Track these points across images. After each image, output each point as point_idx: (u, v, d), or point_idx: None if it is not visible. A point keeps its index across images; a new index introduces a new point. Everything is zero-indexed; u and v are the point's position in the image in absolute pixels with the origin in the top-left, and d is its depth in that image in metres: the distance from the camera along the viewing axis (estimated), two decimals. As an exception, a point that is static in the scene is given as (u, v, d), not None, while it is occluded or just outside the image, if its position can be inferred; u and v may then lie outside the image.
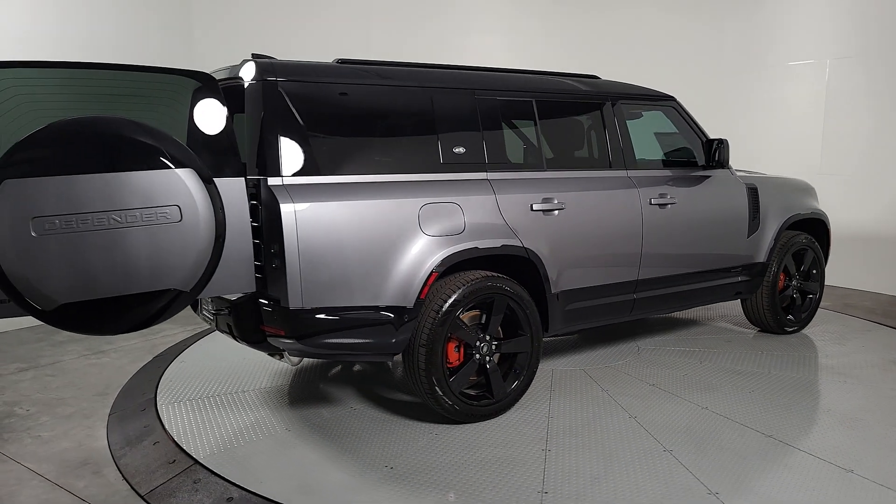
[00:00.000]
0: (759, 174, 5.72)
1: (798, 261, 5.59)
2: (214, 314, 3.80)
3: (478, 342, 3.84)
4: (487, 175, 3.98)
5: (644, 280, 4.63)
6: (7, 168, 2.64)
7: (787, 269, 5.51)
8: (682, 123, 5.06)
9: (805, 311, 5.73)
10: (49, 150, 2.69)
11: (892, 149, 7.23)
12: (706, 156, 5.01)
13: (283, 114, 3.43)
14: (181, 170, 2.91)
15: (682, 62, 8.50)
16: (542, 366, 4.77)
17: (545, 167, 4.27)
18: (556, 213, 4.14)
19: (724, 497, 3.06)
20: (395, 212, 3.59)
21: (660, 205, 4.63)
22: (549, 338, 4.73)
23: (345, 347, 3.59)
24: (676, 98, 5.10)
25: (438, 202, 3.73)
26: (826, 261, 5.86)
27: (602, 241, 4.39)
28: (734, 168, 5.32)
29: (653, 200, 4.60)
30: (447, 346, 3.75)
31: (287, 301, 3.33)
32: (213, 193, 3.02)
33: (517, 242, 3.94)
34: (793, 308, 5.65)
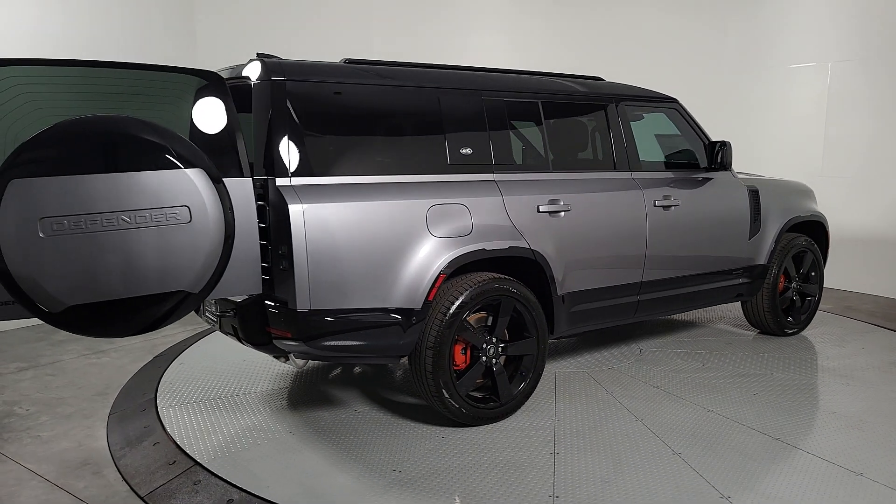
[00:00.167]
0: (759, 176, 5.73)
1: (797, 263, 5.61)
2: (219, 316, 3.75)
3: (484, 344, 3.82)
4: (494, 176, 3.96)
5: (648, 282, 4.62)
6: (14, 168, 2.58)
7: (787, 271, 5.53)
8: (684, 125, 5.06)
9: (804, 313, 5.75)
10: (57, 150, 2.64)
11: (894, 152, 7.24)
12: (709, 158, 5.01)
13: (291, 114, 3.39)
14: (191, 170, 2.86)
15: (684, 64, 8.50)
16: (545, 368, 4.74)
17: (551, 168, 4.25)
18: (563, 215, 4.12)
19: (737, 500, 3.05)
20: (404, 213, 3.56)
21: (663, 206, 4.62)
22: (553, 340, 4.70)
23: (352, 350, 3.55)
24: (678, 100, 5.10)
25: (446, 203, 3.70)
26: (825, 263, 5.88)
27: (607, 243, 4.38)
28: (734, 170, 5.33)
29: (657, 202, 4.59)
30: (454, 349, 3.72)
31: (295, 303, 3.29)
32: (223, 193, 2.98)
33: (524, 244, 3.92)
34: (792, 310, 5.66)
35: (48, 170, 2.61)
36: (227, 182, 3.06)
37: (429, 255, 3.59)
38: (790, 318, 5.64)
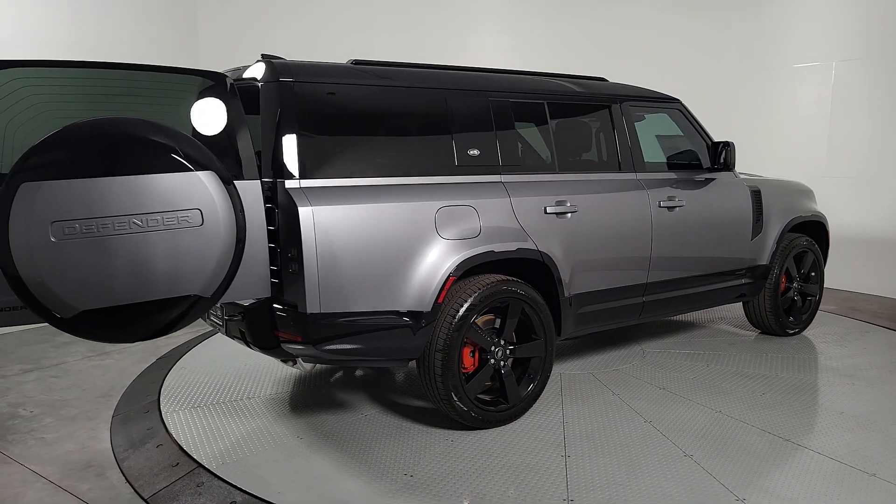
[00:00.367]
0: (758, 176, 5.74)
1: (798, 263, 5.62)
2: (226, 320, 3.71)
3: (493, 347, 3.79)
4: (501, 178, 3.94)
5: (653, 283, 4.61)
6: (24, 171, 2.53)
7: (789, 272, 5.54)
8: (687, 126, 5.06)
9: (805, 313, 5.76)
10: (68, 153, 2.59)
11: (898, 151, 7.22)
12: (712, 158, 5.01)
13: (299, 115, 3.35)
14: (202, 172, 2.82)
15: (687, 64, 8.49)
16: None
17: (557, 169, 4.24)
18: (569, 216, 4.11)
19: (752, 503, 3.04)
20: (413, 215, 3.53)
21: (668, 207, 4.62)
22: (559, 341, 4.69)
23: (361, 353, 3.52)
24: (681, 100, 5.10)
25: (454, 205, 3.67)
26: (825, 263, 5.90)
27: (613, 244, 4.37)
28: (736, 171, 5.33)
29: (661, 203, 4.58)
30: (463, 351, 3.70)
31: (304, 306, 3.25)
32: (234, 196, 2.94)
33: (532, 245, 3.90)
34: (793, 310, 5.68)
35: (59, 173, 2.56)
36: (236, 184, 3.03)
37: (438, 258, 3.57)
38: (791, 319, 5.65)
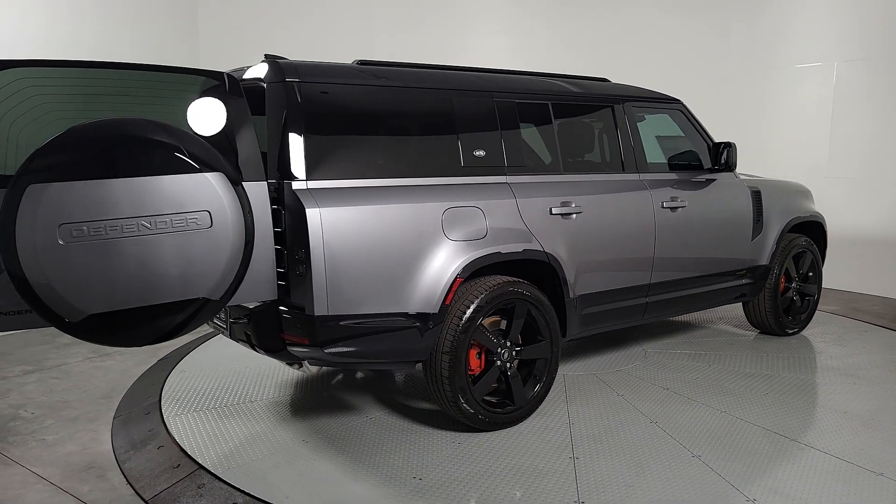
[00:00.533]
0: (757, 177, 5.76)
1: (797, 263, 5.64)
2: (231, 323, 3.67)
3: (499, 348, 3.77)
4: (507, 178, 3.92)
5: (656, 283, 4.61)
6: (31, 173, 2.49)
7: (788, 272, 5.56)
8: (688, 126, 5.06)
9: (804, 313, 5.79)
10: (76, 154, 2.55)
11: (901, 152, 7.21)
12: (714, 159, 5.02)
13: (306, 116, 3.32)
14: (210, 173, 2.79)
15: (688, 64, 8.49)
16: (554, 371, 4.73)
17: (562, 170, 4.22)
18: (574, 217, 4.10)
19: (762, 503, 3.04)
20: (420, 216, 3.50)
21: (671, 208, 4.62)
22: (563, 342, 4.68)
23: (368, 356, 3.49)
24: (682, 101, 5.10)
25: (461, 206, 3.65)
26: (823, 262, 5.92)
27: (617, 245, 4.36)
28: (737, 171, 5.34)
29: (664, 203, 4.59)
30: (469, 353, 3.68)
31: (312, 308, 3.22)
32: (242, 197, 2.91)
33: (538, 247, 3.89)
34: (792, 310, 5.70)
35: (67, 174, 2.52)
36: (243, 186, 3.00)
37: (445, 259, 3.55)
38: (790, 318, 5.67)
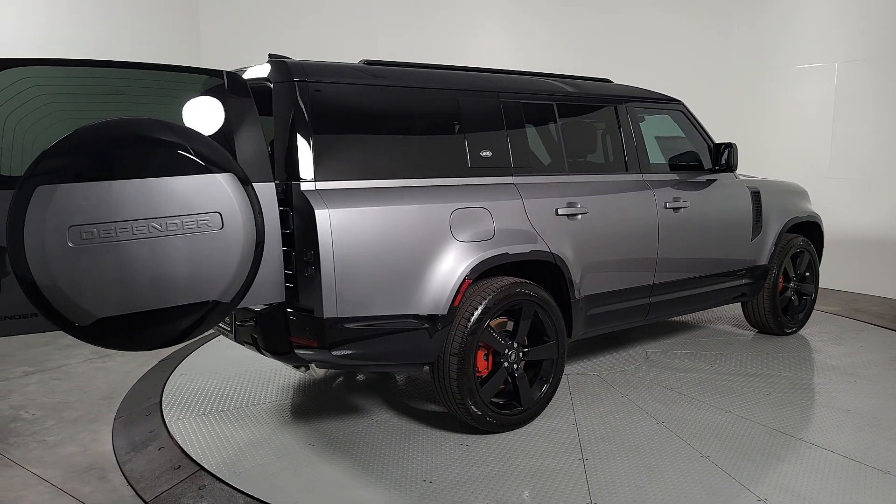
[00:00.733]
0: (754, 177, 5.78)
1: (795, 263, 5.67)
2: (236, 325, 3.62)
3: (507, 350, 3.76)
4: (513, 179, 3.91)
5: (659, 284, 4.62)
6: (40, 174, 2.44)
7: (786, 271, 5.59)
8: (689, 127, 5.07)
9: (802, 312, 5.82)
10: (85, 155, 2.50)
11: (903, 152, 7.23)
12: (715, 159, 5.03)
13: (314, 116, 3.29)
14: (221, 174, 2.75)
15: (689, 65, 8.49)
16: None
17: (567, 171, 4.22)
18: (580, 218, 4.09)
19: (774, 502, 3.04)
20: (428, 217, 3.48)
21: (674, 208, 4.63)
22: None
23: (377, 358, 3.47)
24: (683, 101, 5.12)
25: (468, 207, 3.63)
26: (819, 262, 5.96)
27: (622, 245, 4.36)
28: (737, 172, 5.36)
29: (667, 204, 4.59)
30: (477, 355, 3.66)
31: (321, 311, 3.19)
32: (253, 198, 2.87)
33: (544, 247, 3.88)
34: (790, 309, 5.72)
35: (76, 175, 2.47)
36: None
37: (453, 260, 3.52)
38: (789, 318, 5.70)
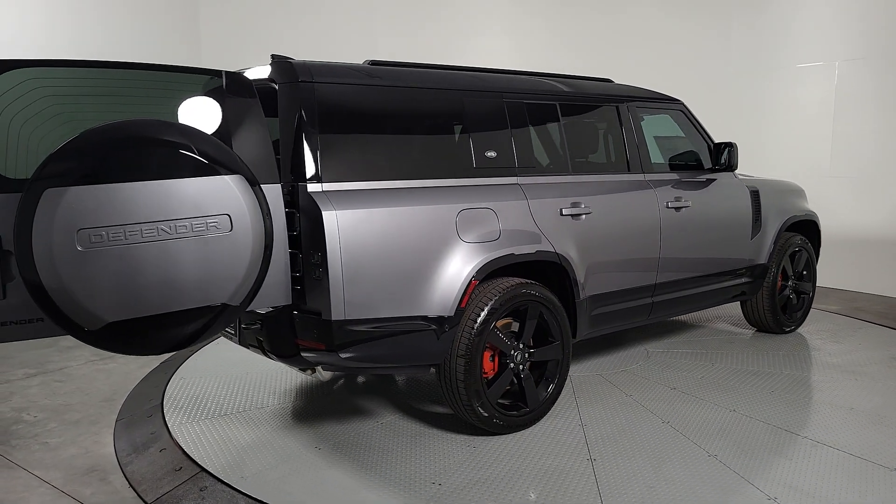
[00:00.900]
0: (752, 177, 5.80)
1: (793, 261, 5.69)
2: (241, 328, 3.59)
3: (513, 351, 3.75)
4: (518, 179, 3.90)
5: (662, 283, 4.62)
6: (47, 178, 2.41)
7: (785, 270, 5.61)
8: (689, 126, 5.09)
9: (800, 310, 5.85)
10: (93, 157, 2.47)
11: (903, 151, 7.25)
12: (715, 159, 5.05)
13: (320, 117, 3.27)
14: (230, 176, 2.72)
15: (689, 64, 8.50)
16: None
17: (570, 171, 4.21)
18: (584, 218, 4.09)
19: (784, 502, 3.04)
20: (435, 218, 3.47)
21: (675, 208, 4.64)
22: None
23: (384, 360, 3.45)
24: (683, 101, 5.13)
25: (474, 208, 3.62)
26: (817, 261, 5.99)
27: (625, 245, 4.37)
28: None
29: (669, 203, 4.60)
30: (483, 356, 3.65)
31: (329, 313, 3.17)
32: (261, 199, 2.85)
33: (549, 248, 3.87)
34: (788, 308, 5.75)
35: (85, 178, 2.44)
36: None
37: (460, 261, 3.51)
38: (787, 316, 5.72)
